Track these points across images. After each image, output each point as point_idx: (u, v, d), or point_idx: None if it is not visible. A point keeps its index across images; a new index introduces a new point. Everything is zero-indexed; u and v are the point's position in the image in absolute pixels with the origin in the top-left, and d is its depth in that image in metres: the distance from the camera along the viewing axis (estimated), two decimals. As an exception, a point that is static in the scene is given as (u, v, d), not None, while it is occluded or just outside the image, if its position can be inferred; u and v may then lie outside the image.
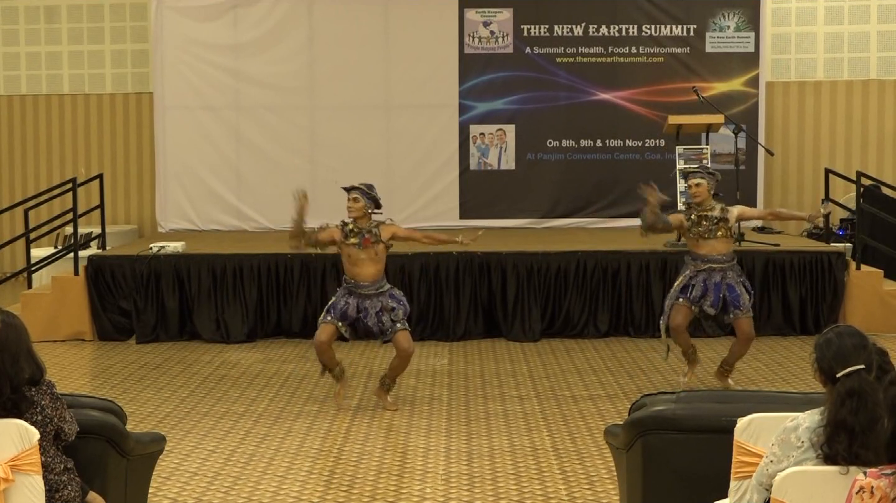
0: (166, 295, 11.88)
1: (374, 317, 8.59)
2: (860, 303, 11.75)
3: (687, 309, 9.13)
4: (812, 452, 3.91)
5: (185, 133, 14.63)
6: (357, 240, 8.62)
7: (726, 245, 9.18)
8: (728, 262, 9.16)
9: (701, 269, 9.12)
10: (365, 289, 8.64)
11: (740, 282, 9.16)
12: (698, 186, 9.19)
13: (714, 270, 9.10)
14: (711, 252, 9.12)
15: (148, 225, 15.46)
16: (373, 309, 8.60)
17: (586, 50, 14.60)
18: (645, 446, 4.97)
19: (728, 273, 9.13)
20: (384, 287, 8.71)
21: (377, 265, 8.69)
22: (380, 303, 8.62)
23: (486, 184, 14.61)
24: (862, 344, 3.96)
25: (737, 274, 9.20)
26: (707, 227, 9.13)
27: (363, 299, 8.63)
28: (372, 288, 8.64)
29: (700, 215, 9.16)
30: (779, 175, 15.13)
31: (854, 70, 15.13)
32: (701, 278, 9.10)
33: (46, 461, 4.50)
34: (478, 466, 7.30)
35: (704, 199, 9.18)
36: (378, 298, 8.63)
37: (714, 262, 9.10)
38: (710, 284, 9.07)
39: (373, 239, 8.64)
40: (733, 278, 9.13)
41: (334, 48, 14.58)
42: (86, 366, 10.95)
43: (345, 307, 8.64)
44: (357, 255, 8.64)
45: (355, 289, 8.66)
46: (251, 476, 7.14)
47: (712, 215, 9.13)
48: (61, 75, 15.69)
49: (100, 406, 5.12)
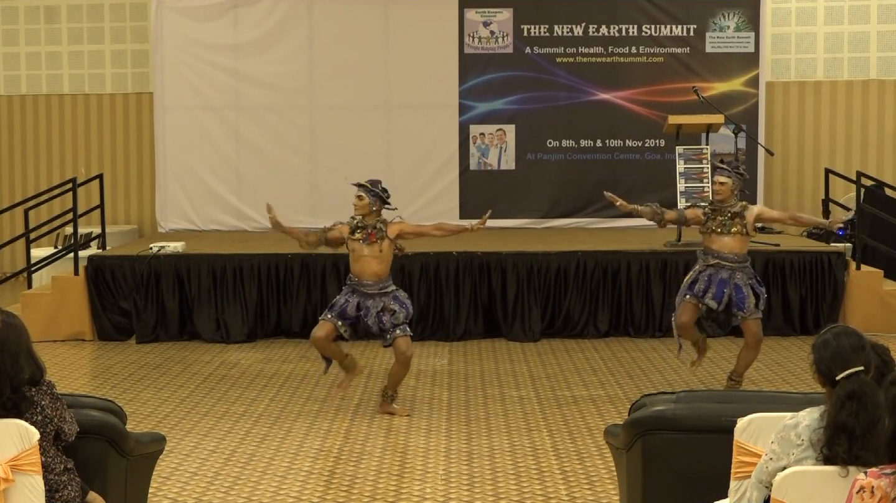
0: (166, 295, 11.88)
1: (374, 316, 8.55)
2: (860, 304, 11.75)
3: (693, 306, 9.03)
4: (812, 451, 3.91)
5: (185, 133, 14.63)
6: (362, 234, 8.62)
7: (740, 244, 9.01)
8: (739, 263, 8.99)
9: (710, 265, 9.00)
10: (368, 288, 8.60)
11: (749, 285, 8.99)
12: (722, 185, 9.04)
13: (722, 267, 8.96)
14: (723, 249, 8.97)
15: (148, 225, 15.46)
16: (374, 308, 8.56)
17: (586, 50, 14.59)
18: (645, 446, 4.98)
19: (737, 273, 8.97)
20: (389, 287, 8.67)
21: (381, 263, 8.64)
22: (382, 303, 8.58)
23: (486, 184, 14.60)
24: (860, 344, 3.95)
25: (747, 276, 9.03)
26: (721, 221, 9.00)
27: (365, 298, 8.59)
28: (375, 287, 8.60)
29: (716, 209, 9.04)
30: (779, 175, 15.13)
31: (854, 70, 15.13)
32: (707, 273, 8.99)
33: (46, 461, 4.50)
34: (478, 466, 7.30)
35: (726, 197, 9.04)
36: (381, 298, 8.59)
37: (724, 260, 8.96)
38: (714, 278, 8.93)
39: (378, 234, 8.62)
40: (742, 279, 8.96)
41: (334, 48, 14.58)
42: (86, 367, 10.95)
43: (345, 305, 8.61)
44: (361, 251, 8.61)
45: (358, 287, 8.63)
46: (251, 476, 7.14)
47: (729, 210, 9.00)
48: (61, 75, 15.69)
49: (100, 406, 5.12)
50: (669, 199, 12.91)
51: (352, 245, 8.66)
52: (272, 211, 8.74)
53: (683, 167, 12.23)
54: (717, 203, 9.07)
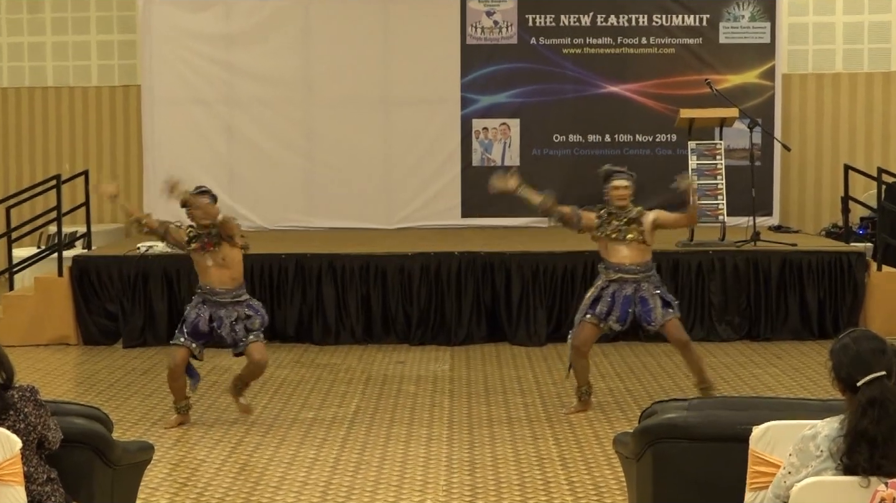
0: (154, 297, 11.88)
1: (228, 327, 8.46)
2: (882, 306, 11.75)
3: (594, 326, 8.67)
4: (831, 462, 3.91)
5: (174, 128, 14.63)
6: (197, 244, 8.51)
7: (640, 253, 8.66)
8: (642, 273, 8.64)
9: (612, 280, 8.65)
10: (220, 297, 8.49)
11: (656, 295, 8.63)
12: (625, 189, 8.70)
13: (626, 282, 8.62)
14: (623, 261, 8.63)
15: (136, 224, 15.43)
16: (228, 319, 8.46)
17: (594, 41, 14.59)
18: (656, 455, 4.98)
19: (642, 285, 8.62)
20: (242, 296, 8.56)
21: (226, 270, 8.51)
22: (235, 312, 8.49)
23: (490, 181, 14.56)
24: (880, 348, 3.95)
25: (653, 286, 8.67)
26: (616, 227, 8.68)
27: (217, 307, 8.49)
28: (228, 296, 8.50)
29: (611, 212, 8.72)
30: (796, 172, 15.12)
31: (874, 61, 15.12)
32: (611, 290, 8.62)
33: (29, 471, 4.50)
34: (481, 477, 7.30)
35: (626, 204, 8.71)
36: (234, 307, 8.50)
37: (626, 273, 8.62)
38: (618, 297, 8.58)
39: (213, 242, 8.51)
40: (648, 290, 8.62)
41: (331, 40, 14.57)
42: (70, 372, 10.96)
43: (196, 320, 8.49)
44: (203, 261, 8.50)
45: (210, 297, 8.52)
46: (243, 487, 7.14)
47: (624, 215, 8.69)
48: (45, 67, 15.69)
49: (85, 413, 5.12)
50: (681, 197, 12.90)
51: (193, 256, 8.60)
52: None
53: (696, 163, 12.24)
54: (616, 209, 8.73)
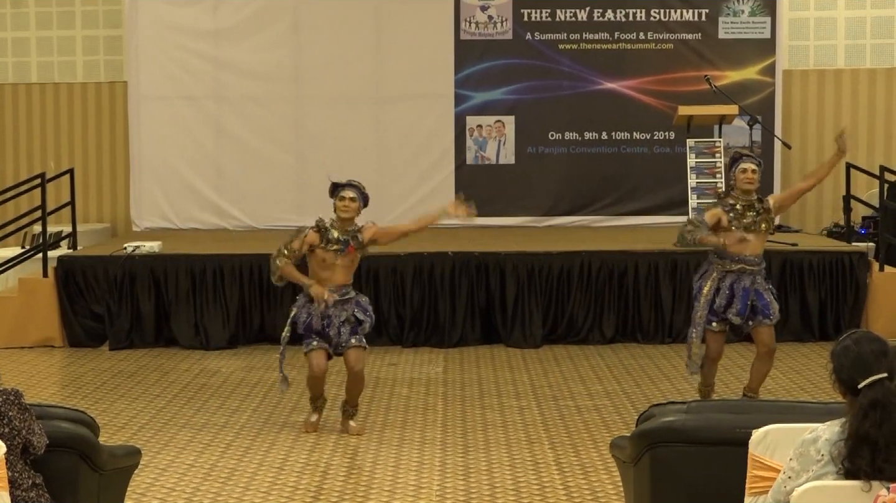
0: (141, 298, 11.88)
1: (336, 327, 8.32)
2: (884, 307, 11.77)
3: (722, 333, 8.51)
4: (832, 466, 3.91)
5: (161, 125, 14.63)
6: (340, 246, 8.30)
7: (762, 244, 8.49)
8: (759, 265, 8.45)
9: (730, 271, 8.41)
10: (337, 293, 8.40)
11: (769, 290, 8.50)
12: (753, 172, 8.35)
13: (745, 273, 8.40)
14: (744, 251, 8.36)
15: (122, 223, 15.45)
16: (337, 318, 8.34)
17: (591, 36, 14.61)
18: (653, 460, 4.98)
19: (757, 278, 8.43)
20: (350, 293, 8.44)
21: (350, 270, 8.44)
22: (345, 311, 8.37)
23: (484, 179, 14.60)
24: (882, 350, 3.96)
25: (764, 279, 8.53)
26: (752, 219, 8.38)
27: (327, 306, 8.33)
28: (338, 293, 8.37)
29: (745, 205, 8.38)
30: (797, 169, 15.11)
31: (877, 57, 15.14)
32: (728, 282, 8.39)
33: (13, 476, 4.50)
34: (475, 482, 7.31)
35: (754, 188, 8.37)
36: (343, 306, 8.38)
37: (747, 264, 8.38)
38: (737, 289, 8.37)
39: (356, 245, 8.37)
40: (762, 284, 8.45)
41: (322, 35, 14.58)
42: (55, 375, 10.95)
43: (308, 320, 8.37)
44: (332, 260, 8.34)
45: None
46: (232, 492, 7.15)
47: (756, 206, 8.40)
48: (29, 63, 15.68)
49: (71, 417, 5.12)
50: (679, 195, 12.94)
51: (322, 254, 8.31)
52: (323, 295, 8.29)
53: (695, 161, 12.26)
54: (743, 197, 8.42)
